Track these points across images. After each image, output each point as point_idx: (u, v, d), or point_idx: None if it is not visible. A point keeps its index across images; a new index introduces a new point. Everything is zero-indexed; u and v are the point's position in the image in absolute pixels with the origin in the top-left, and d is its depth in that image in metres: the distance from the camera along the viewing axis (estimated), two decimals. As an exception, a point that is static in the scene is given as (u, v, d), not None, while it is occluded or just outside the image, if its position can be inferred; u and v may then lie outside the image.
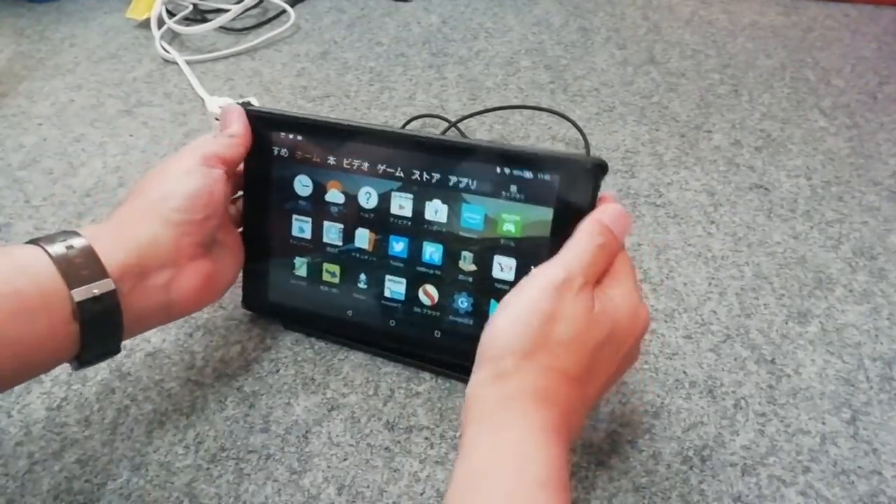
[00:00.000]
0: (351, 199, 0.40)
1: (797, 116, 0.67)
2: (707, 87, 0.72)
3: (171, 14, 0.84)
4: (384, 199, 0.39)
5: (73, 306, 0.30)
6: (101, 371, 0.42)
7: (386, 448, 0.38)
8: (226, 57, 0.78)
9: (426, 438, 0.39)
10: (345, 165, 0.39)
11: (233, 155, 0.38)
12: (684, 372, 0.43)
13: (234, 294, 0.48)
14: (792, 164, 0.61)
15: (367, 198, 0.39)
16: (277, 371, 0.43)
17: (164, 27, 0.81)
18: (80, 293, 0.30)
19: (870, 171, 0.60)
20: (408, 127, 0.64)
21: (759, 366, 0.43)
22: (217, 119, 0.62)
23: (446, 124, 0.65)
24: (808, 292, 0.48)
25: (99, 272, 0.31)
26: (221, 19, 0.81)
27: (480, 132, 0.65)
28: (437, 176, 0.37)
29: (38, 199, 0.56)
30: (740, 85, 0.72)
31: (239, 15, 0.84)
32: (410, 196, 0.38)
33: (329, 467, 0.37)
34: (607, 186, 0.58)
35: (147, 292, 0.34)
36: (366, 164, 0.39)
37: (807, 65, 0.76)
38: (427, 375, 0.42)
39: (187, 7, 0.86)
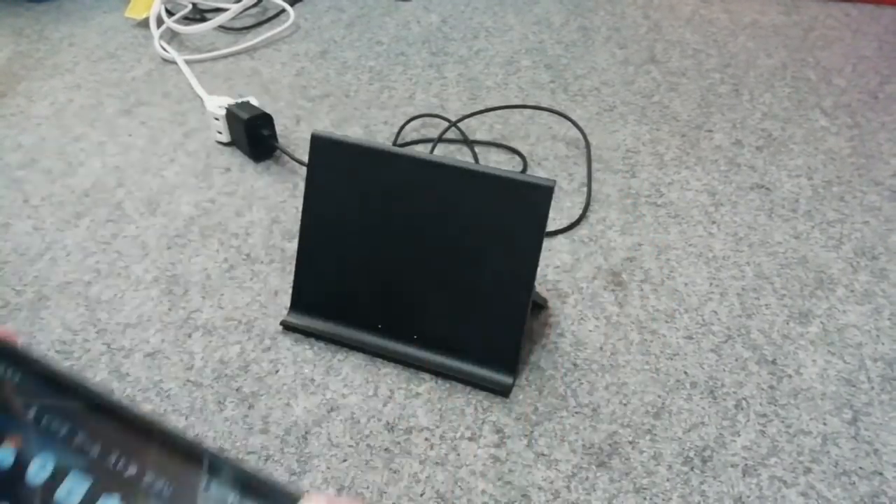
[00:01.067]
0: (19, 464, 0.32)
1: (798, 116, 0.67)
2: (708, 87, 0.72)
3: (170, 13, 0.83)
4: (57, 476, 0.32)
5: None
6: (99, 372, 0.42)
7: (386, 449, 0.38)
8: (225, 56, 0.78)
9: (426, 439, 0.39)
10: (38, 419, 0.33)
11: None
12: (685, 372, 0.42)
13: (234, 294, 0.48)
14: (793, 163, 0.61)
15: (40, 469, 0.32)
16: (277, 372, 0.42)
17: (164, 26, 0.81)
18: None
19: (871, 170, 0.60)
20: (408, 137, 0.64)
21: (760, 366, 0.43)
22: (216, 119, 0.62)
23: (446, 123, 0.65)
24: (810, 292, 0.48)
25: None
26: (220, 18, 0.81)
27: (481, 132, 0.64)
28: (133, 470, 0.30)
29: (37, 199, 0.56)
30: (741, 84, 0.72)
31: (238, 14, 0.84)
32: (88, 482, 0.31)
33: (329, 468, 0.37)
34: (608, 187, 0.58)
35: None
36: (61, 426, 0.33)
37: (808, 64, 0.76)
38: (427, 376, 0.42)
39: (186, 6, 0.85)
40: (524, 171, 0.59)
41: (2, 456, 0.35)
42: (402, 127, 0.64)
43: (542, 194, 0.38)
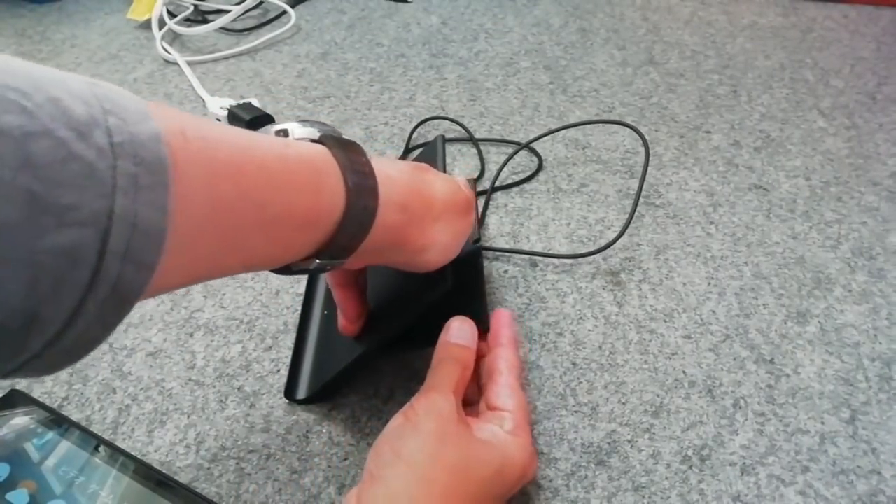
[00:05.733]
0: None
1: (796, 117, 0.67)
2: (706, 88, 0.72)
3: (172, 15, 0.84)
4: None
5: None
6: (102, 371, 0.43)
7: (386, 447, 0.38)
8: (226, 58, 0.78)
9: (426, 438, 0.39)
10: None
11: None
12: (683, 371, 0.43)
13: (235, 294, 0.48)
14: (791, 164, 0.61)
15: None
16: (278, 371, 0.43)
17: (165, 28, 0.81)
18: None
19: (869, 171, 0.60)
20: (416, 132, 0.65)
21: (758, 365, 0.43)
22: (218, 120, 0.62)
23: (450, 123, 0.65)
24: (808, 292, 0.48)
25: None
26: (222, 20, 0.81)
27: (481, 131, 0.65)
28: None
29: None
30: (739, 85, 0.73)
31: (240, 16, 0.84)
32: None
33: (329, 467, 0.37)
34: (608, 188, 0.58)
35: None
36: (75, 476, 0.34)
37: (806, 65, 0.76)
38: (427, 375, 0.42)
39: (188, 8, 0.86)
40: (539, 166, 0.60)
41: (18, 498, 0.34)
42: (414, 130, 0.65)
43: None
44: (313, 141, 0.29)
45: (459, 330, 0.36)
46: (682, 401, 0.41)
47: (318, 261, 0.28)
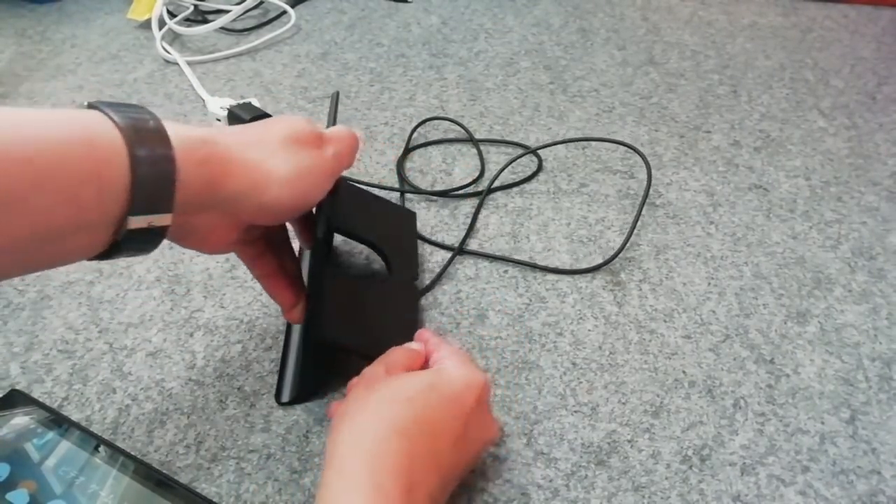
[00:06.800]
0: None
1: (796, 117, 0.67)
2: (706, 88, 0.72)
3: (172, 15, 0.84)
4: None
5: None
6: (102, 371, 0.43)
7: (386, 447, 0.38)
8: (226, 58, 0.78)
9: (426, 438, 0.39)
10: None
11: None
12: (683, 371, 0.43)
13: (235, 294, 0.48)
14: (791, 164, 0.61)
15: None
16: (278, 371, 0.43)
17: (165, 28, 0.81)
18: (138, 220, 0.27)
19: (869, 171, 0.60)
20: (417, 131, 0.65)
21: (758, 365, 0.43)
22: (218, 120, 0.62)
23: (450, 123, 0.65)
24: (808, 292, 0.48)
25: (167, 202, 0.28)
26: (222, 20, 0.81)
27: (481, 132, 0.65)
28: None
29: (40, 200, 0.57)
30: (739, 85, 0.73)
31: (240, 16, 0.84)
32: None
33: (329, 467, 0.37)
34: (608, 188, 0.58)
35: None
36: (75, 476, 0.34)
37: (806, 65, 0.76)
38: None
39: (188, 8, 0.86)
40: (539, 166, 0.59)
41: (18, 498, 0.34)
42: (415, 128, 0.65)
43: None
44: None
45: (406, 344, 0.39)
46: (682, 401, 0.41)
47: (131, 217, 0.27)
